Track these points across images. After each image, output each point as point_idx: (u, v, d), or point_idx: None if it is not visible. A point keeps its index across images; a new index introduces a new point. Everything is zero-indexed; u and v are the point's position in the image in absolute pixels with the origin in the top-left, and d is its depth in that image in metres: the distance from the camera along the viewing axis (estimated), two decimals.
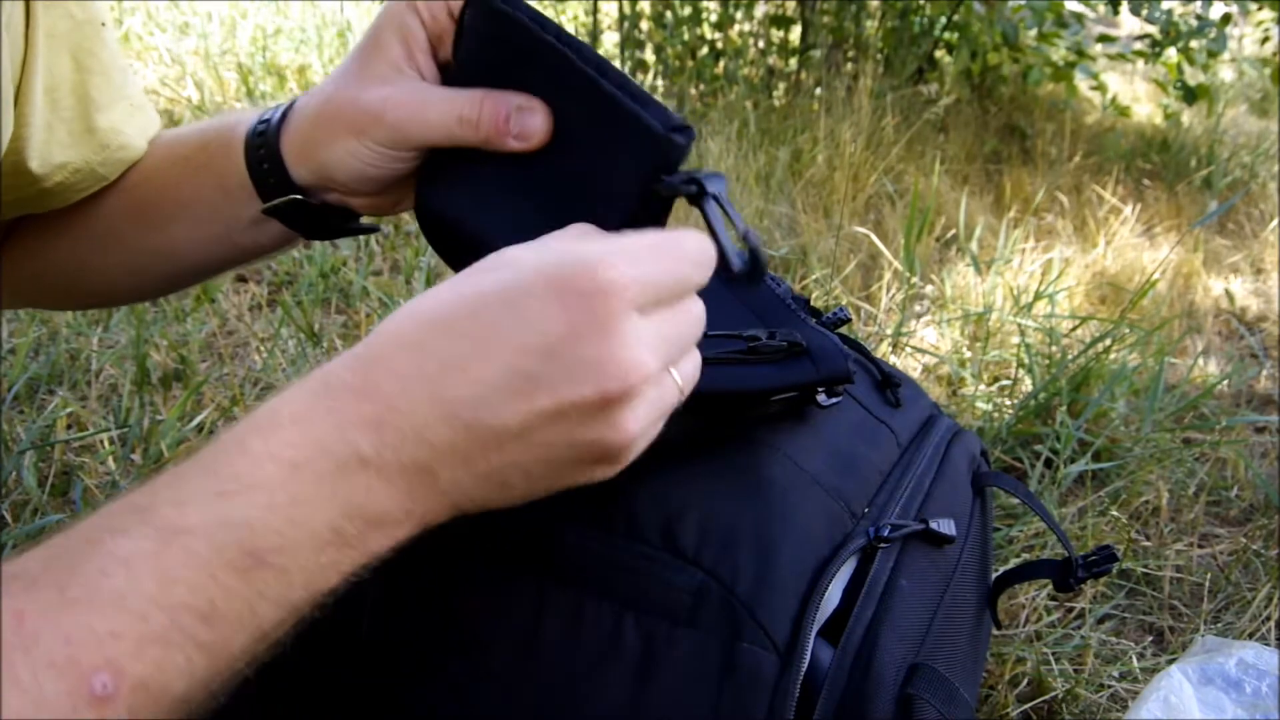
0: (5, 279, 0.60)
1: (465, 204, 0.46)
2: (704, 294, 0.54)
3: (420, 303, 0.35)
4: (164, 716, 0.30)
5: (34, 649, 0.28)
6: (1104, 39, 2.66)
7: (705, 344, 0.47)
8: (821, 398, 0.52)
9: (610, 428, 0.34)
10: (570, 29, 2.75)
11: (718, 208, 0.40)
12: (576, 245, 0.35)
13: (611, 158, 0.42)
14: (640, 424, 0.35)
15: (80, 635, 0.29)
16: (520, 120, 0.42)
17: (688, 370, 0.38)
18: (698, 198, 0.40)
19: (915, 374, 1.29)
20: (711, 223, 0.39)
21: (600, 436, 0.35)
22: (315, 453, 0.32)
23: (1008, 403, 1.21)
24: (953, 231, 1.74)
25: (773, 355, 0.48)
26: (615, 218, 0.41)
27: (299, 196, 0.50)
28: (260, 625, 0.32)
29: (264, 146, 0.49)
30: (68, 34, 0.50)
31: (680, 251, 0.36)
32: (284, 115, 0.50)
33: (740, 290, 0.54)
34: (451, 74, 0.47)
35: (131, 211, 0.55)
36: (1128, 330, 1.30)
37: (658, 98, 0.51)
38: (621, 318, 0.33)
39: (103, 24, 0.53)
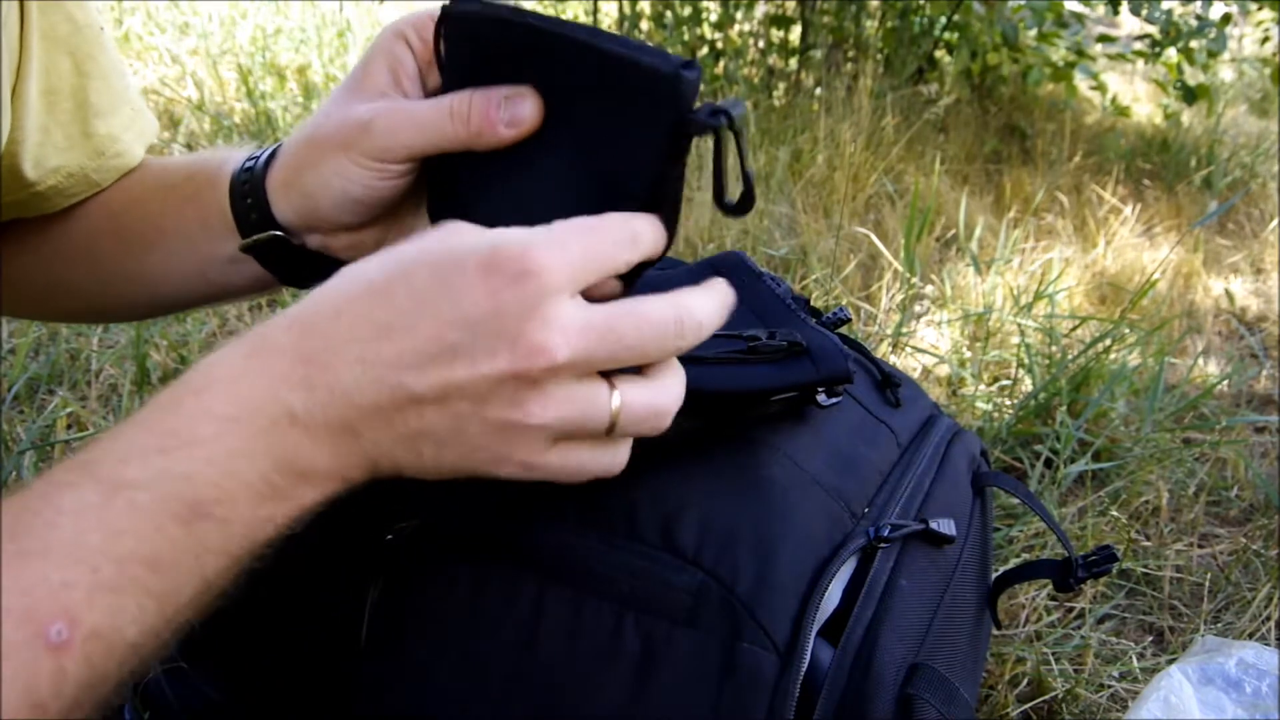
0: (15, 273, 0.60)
1: (480, 218, 0.45)
2: None
3: (357, 268, 0.37)
4: (117, 663, 0.31)
5: None
6: (1104, 39, 2.66)
7: (708, 343, 0.47)
8: (821, 398, 0.52)
9: (515, 407, 0.35)
10: None
11: (732, 139, 0.39)
12: (514, 231, 0.36)
13: (623, 120, 0.40)
14: (548, 416, 0.36)
15: (34, 586, 0.30)
16: (510, 108, 0.42)
17: (637, 398, 0.37)
18: (730, 128, 0.39)
19: (915, 374, 1.29)
20: (719, 153, 0.39)
21: (506, 415, 0.35)
22: (249, 410, 0.34)
23: (1008, 403, 1.21)
24: (953, 231, 1.74)
25: (773, 355, 0.48)
26: (640, 182, 0.40)
27: (279, 233, 0.49)
28: (205, 574, 0.33)
29: (249, 182, 0.49)
30: (67, 37, 0.50)
31: (608, 232, 0.37)
32: (272, 154, 0.49)
33: (741, 290, 0.54)
34: (439, 91, 0.46)
35: (112, 233, 0.55)
36: (1128, 330, 1.30)
37: None
38: (544, 301, 0.34)
39: (101, 28, 0.52)
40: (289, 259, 0.50)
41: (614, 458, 0.39)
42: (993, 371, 1.31)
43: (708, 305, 0.38)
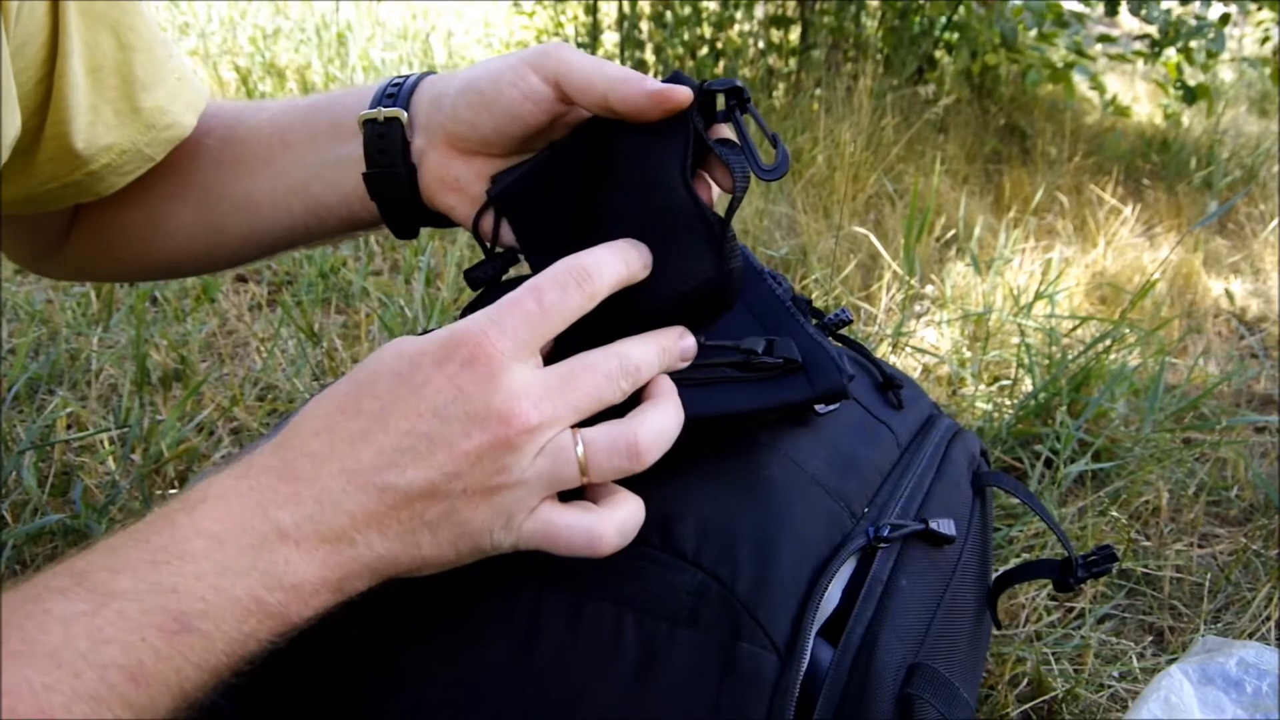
0: (82, 253, 0.61)
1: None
2: None
3: (325, 394, 0.40)
4: None
5: None
6: (1104, 39, 2.66)
7: (702, 354, 0.47)
8: (820, 406, 0.52)
9: (499, 472, 0.38)
10: (570, 29, 2.75)
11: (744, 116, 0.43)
12: (460, 323, 0.39)
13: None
14: (529, 472, 0.38)
15: (17, 687, 0.30)
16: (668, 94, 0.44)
17: (599, 442, 0.40)
18: (742, 106, 0.44)
19: (915, 374, 1.29)
20: (742, 131, 0.43)
21: (491, 481, 0.38)
22: (237, 527, 0.35)
23: (1008, 403, 1.21)
24: (953, 231, 1.74)
25: (768, 372, 0.48)
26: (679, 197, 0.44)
27: (403, 114, 0.50)
28: (184, 687, 0.34)
29: (395, 91, 0.51)
30: (106, 11, 0.49)
31: (539, 291, 0.40)
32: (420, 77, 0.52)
33: (745, 294, 0.54)
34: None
35: (222, 161, 0.56)
36: (1128, 330, 1.31)
37: None
38: (501, 373, 0.38)
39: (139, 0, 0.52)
40: (398, 195, 0.52)
41: (597, 522, 0.40)
42: (993, 371, 1.31)
43: (643, 349, 0.42)
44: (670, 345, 0.44)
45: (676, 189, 0.44)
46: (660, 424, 0.41)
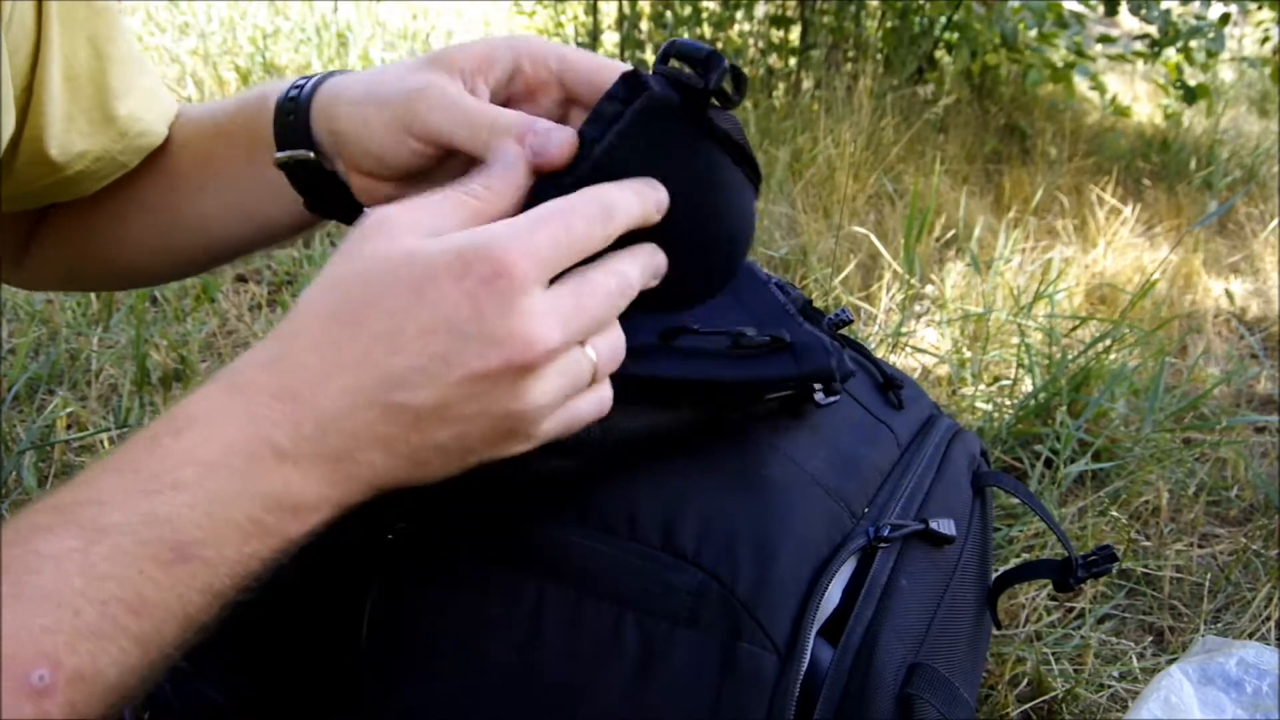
0: (44, 261, 0.60)
1: None
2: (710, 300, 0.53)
3: (322, 293, 0.37)
4: (100, 705, 0.31)
5: None
6: (1104, 39, 2.66)
7: (692, 340, 0.47)
8: (819, 396, 0.52)
9: (517, 398, 0.36)
10: (570, 29, 2.75)
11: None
12: (475, 232, 0.36)
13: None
14: (548, 395, 0.37)
15: (16, 631, 0.30)
16: (544, 139, 0.41)
17: (604, 346, 0.39)
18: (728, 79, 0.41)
19: (915, 374, 1.29)
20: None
21: (509, 407, 0.36)
22: (231, 450, 0.34)
23: (1007, 403, 1.21)
24: (953, 231, 1.74)
25: (755, 350, 0.48)
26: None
27: (311, 154, 0.49)
28: (189, 614, 0.33)
29: (294, 101, 0.49)
30: (85, 21, 0.50)
31: (569, 217, 0.38)
32: (321, 80, 0.49)
33: (744, 296, 0.55)
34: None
35: (164, 181, 0.56)
36: (1127, 331, 1.30)
37: None
38: (522, 294, 0.35)
39: (117, 12, 0.52)
40: (322, 185, 0.50)
41: (601, 398, 0.40)
42: (992, 372, 1.31)
43: (632, 264, 0.40)
44: (649, 261, 0.42)
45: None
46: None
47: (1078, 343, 1.33)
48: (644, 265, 0.41)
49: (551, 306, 0.36)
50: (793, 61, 2.53)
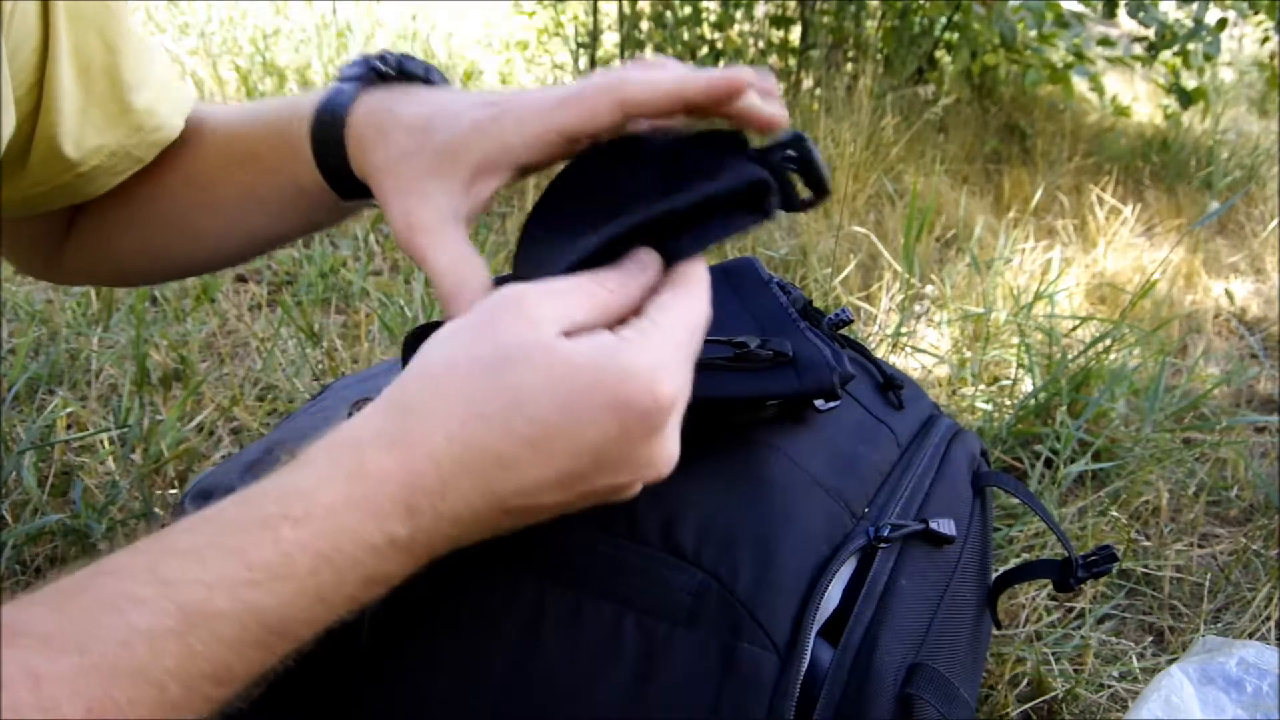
0: (81, 259, 0.60)
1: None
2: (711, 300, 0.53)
3: (460, 375, 0.35)
4: None
5: (53, 713, 0.29)
6: (1104, 42, 2.66)
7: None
8: (819, 402, 0.52)
9: (631, 491, 0.39)
10: (570, 29, 2.75)
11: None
12: (627, 356, 0.36)
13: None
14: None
15: (101, 704, 0.29)
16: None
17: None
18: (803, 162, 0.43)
19: (915, 374, 1.29)
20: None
21: (621, 497, 0.39)
22: (350, 544, 0.34)
23: (1008, 403, 1.21)
24: (953, 231, 1.74)
25: (757, 364, 0.48)
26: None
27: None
28: (267, 672, 0.34)
29: (331, 120, 0.48)
30: (95, 15, 0.49)
31: (699, 339, 0.39)
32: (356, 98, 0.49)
33: (745, 296, 0.55)
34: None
35: (205, 203, 0.55)
36: (1128, 330, 1.30)
37: None
38: (666, 426, 0.36)
39: (127, 5, 0.52)
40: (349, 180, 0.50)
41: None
42: (992, 372, 1.31)
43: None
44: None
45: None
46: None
47: (1078, 343, 1.33)
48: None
49: (677, 423, 0.37)
50: (793, 61, 2.53)
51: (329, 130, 0.48)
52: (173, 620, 0.31)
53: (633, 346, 0.36)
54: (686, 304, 0.39)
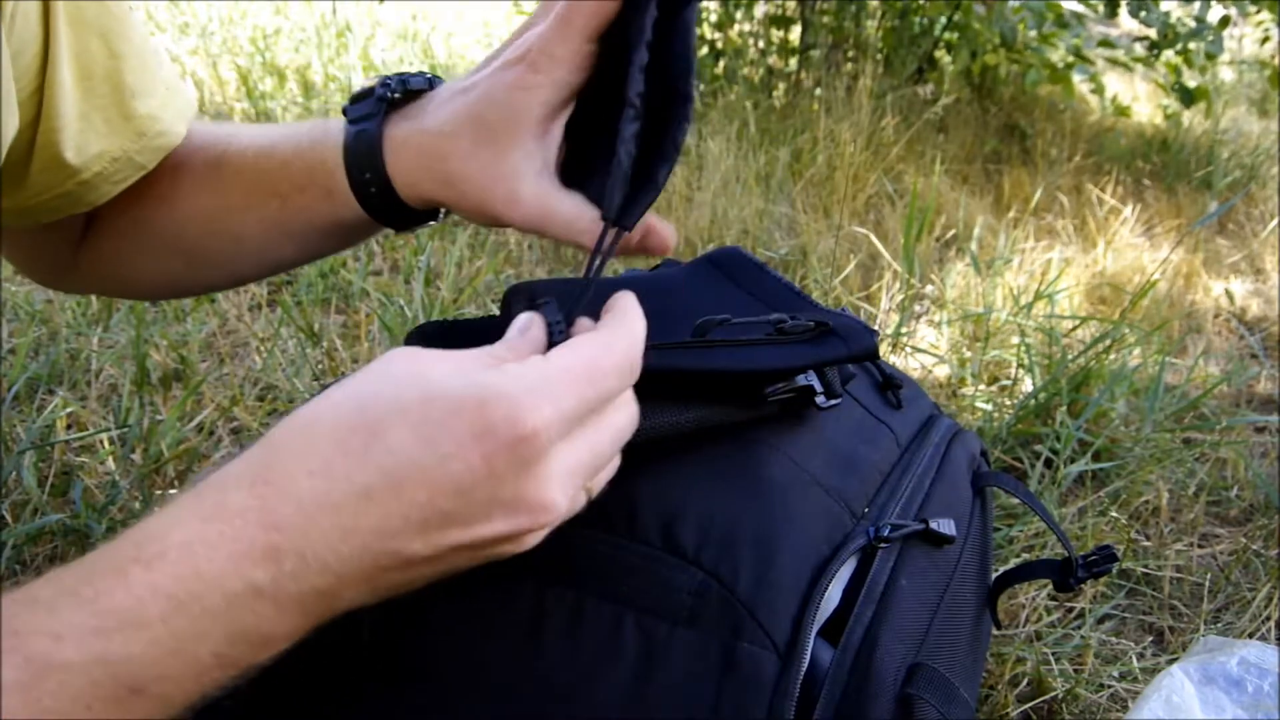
0: (94, 275, 0.60)
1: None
2: (713, 292, 0.54)
3: (324, 417, 0.34)
4: None
5: None
6: (1104, 44, 2.66)
7: (733, 329, 0.47)
8: (820, 399, 0.52)
9: (516, 546, 0.36)
10: None
11: None
12: (494, 378, 0.34)
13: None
14: (541, 536, 0.36)
15: None
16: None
17: (603, 479, 0.39)
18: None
19: (915, 374, 1.29)
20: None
21: (503, 550, 0.36)
22: (205, 587, 0.31)
23: (1008, 403, 1.21)
24: (953, 231, 1.74)
25: (802, 335, 0.48)
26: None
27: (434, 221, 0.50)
28: None
29: (365, 146, 0.49)
30: (96, 18, 0.49)
31: (602, 371, 0.36)
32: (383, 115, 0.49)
33: (748, 283, 0.55)
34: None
35: (225, 231, 0.55)
36: (1128, 330, 1.30)
37: None
38: (541, 460, 0.33)
39: (130, 8, 0.51)
40: (396, 210, 0.50)
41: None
42: (992, 371, 1.31)
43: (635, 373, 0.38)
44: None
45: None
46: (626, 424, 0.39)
47: (1078, 343, 1.33)
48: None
49: (566, 468, 0.34)
50: (793, 61, 2.53)
51: (366, 168, 0.49)
52: (19, 672, 0.29)
53: (503, 375, 0.34)
54: (593, 346, 0.36)
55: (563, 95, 0.46)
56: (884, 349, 1.30)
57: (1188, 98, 2.45)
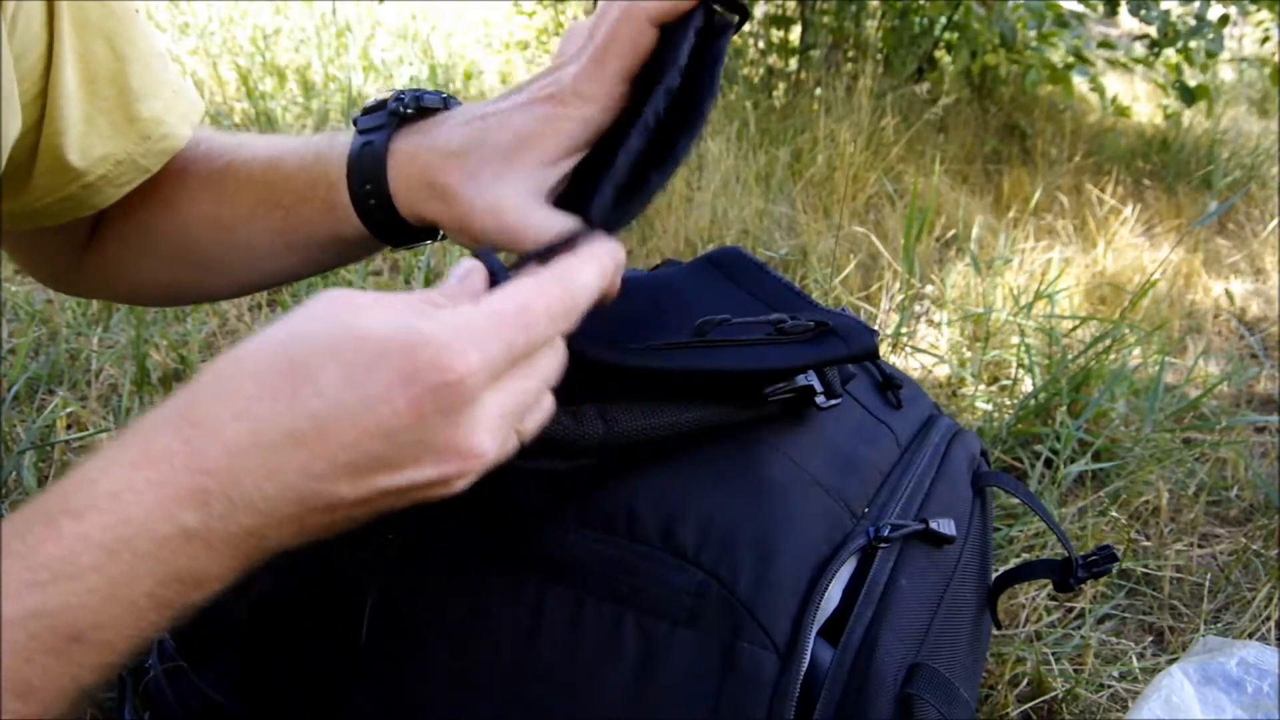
0: (100, 280, 0.60)
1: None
2: (712, 292, 0.54)
3: (250, 359, 0.34)
4: None
5: None
6: (1104, 44, 2.66)
7: (733, 329, 0.47)
8: (820, 399, 0.52)
9: (446, 490, 0.35)
10: None
11: None
12: (422, 323, 0.34)
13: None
14: (472, 480, 0.36)
15: None
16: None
17: (534, 422, 0.38)
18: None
19: (915, 374, 1.29)
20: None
21: (430, 495, 0.36)
22: (135, 532, 0.31)
23: (1008, 403, 1.21)
24: (953, 231, 1.74)
25: (802, 335, 0.48)
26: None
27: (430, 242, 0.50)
28: (79, 687, 0.32)
29: (370, 165, 0.49)
30: (100, 21, 0.49)
31: (533, 316, 0.36)
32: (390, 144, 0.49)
33: (747, 283, 0.55)
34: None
35: (233, 243, 0.55)
36: (1128, 330, 1.30)
37: None
38: (468, 404, 0.33)
39: (136, 10, 0.51)
40: (395, 227, 0.50)
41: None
42: (992, 372, 1.31)
43: (569, 320, 0.38)
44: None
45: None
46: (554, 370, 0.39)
47: (1078, 343, 1.33)
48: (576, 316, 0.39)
49: (494, 413, 0.35)
50: (793, 61, 2.53)
51: (368, 180, 0.49)
52: None
53: (432, 320, 0.34)
54: (524, 291, 0.36)
55: (587, 133, 0.45)
56: (884, 349, 1.30)
57: (1188, 96, 2.44)
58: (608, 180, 0.43)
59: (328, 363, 0.33)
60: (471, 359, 0.33)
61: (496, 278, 0.38)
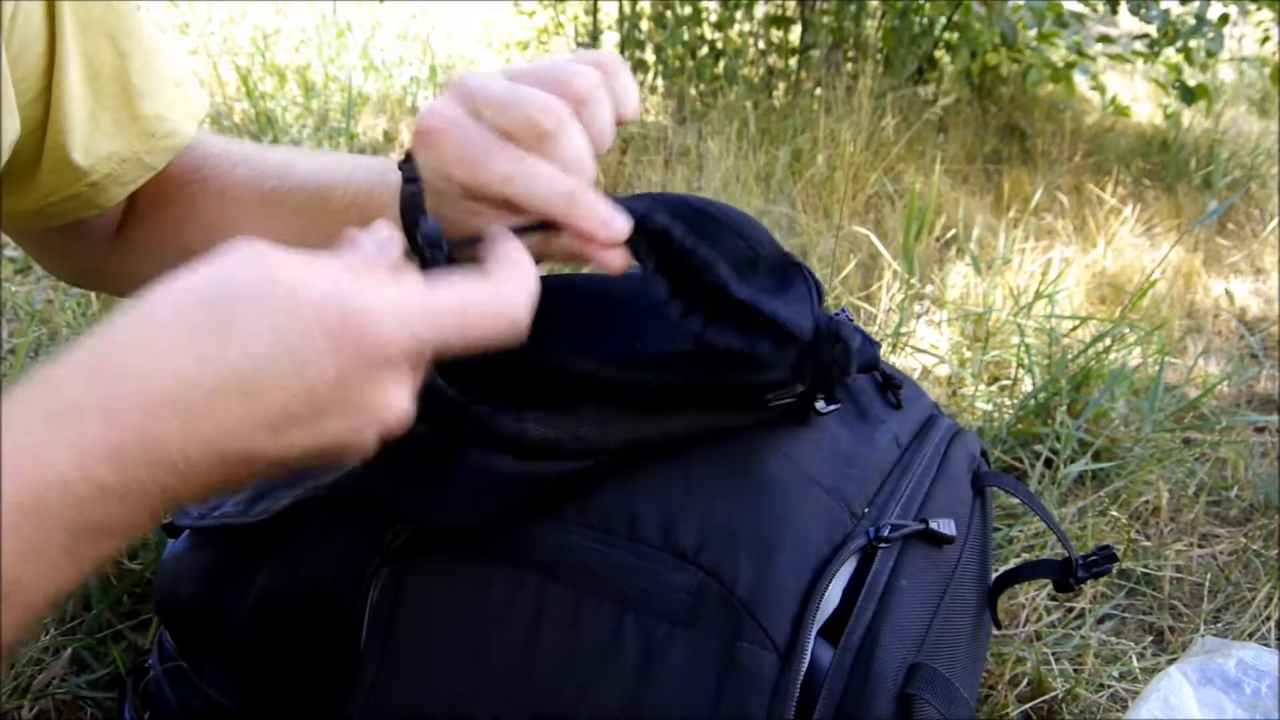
0: (121, 279, 0.59)
1: None
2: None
3: (167, 308, 0.33)
4: None
5: None
6: (1104, 40, 2.66)
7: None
8: (820, 404, 0.52)
9: (361, 446, 0.36)
10: (570, 29, 2.75)
11: None
12: (361, 291, 0.34)
13: None
14: (385, 437, 0.36)
15: None
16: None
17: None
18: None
19: (915, 374, 1.29)
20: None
21: (349, 450, 0.36)
22: (48, 490, 0.30)
23: (1008, 403, 1.21)
24: (953, 231, 1.74)
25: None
26: None
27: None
28: (9, 642, 0.31)
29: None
30: (102, 18, 0.49)
31: (479, 319, 0.36)
32: None
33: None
34: None
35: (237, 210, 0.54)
36: (1128, 330, 1.30)
37: (658, 98, 0.50)
38: (391, 375, 0.34)
39: (137, 6, 0.51)
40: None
41: None
42: (992, 371, 1.31)
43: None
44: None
45: None
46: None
47: (1078, 343, 1.33)
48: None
49: (408, 380, 0.35)
50: (793, 61, 2.53)
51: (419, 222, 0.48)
52: None
53: (369, 289, 0.34)
54: (479, 293, 0.36)
55: None
56: (884, 349, 1.30)
57: (1188, 96, 2.44)
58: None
59: (257, 321, 0.32)
60: (402, 339, 0.34)
61: (434, 254, 0.39)
